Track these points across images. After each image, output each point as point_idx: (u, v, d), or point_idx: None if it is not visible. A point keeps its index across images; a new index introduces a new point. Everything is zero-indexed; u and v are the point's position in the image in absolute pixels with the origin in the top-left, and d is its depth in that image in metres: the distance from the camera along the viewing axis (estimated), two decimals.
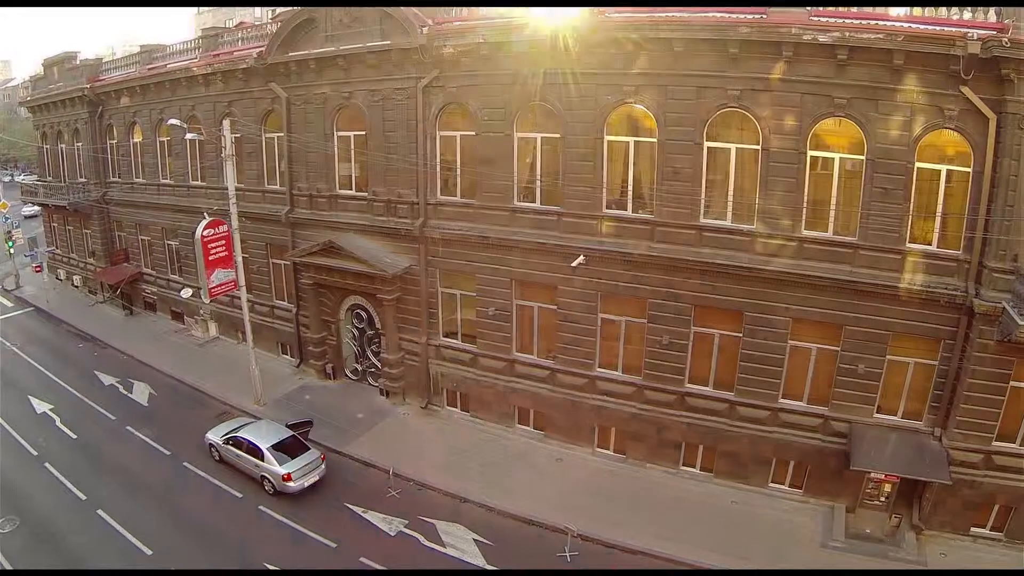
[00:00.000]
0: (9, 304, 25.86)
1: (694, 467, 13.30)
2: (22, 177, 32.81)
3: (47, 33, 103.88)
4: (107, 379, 18.52)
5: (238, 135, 16.32)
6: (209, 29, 19.27)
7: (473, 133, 13.96)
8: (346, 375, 17.37)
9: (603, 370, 13.77)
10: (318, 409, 15.89)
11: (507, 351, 14.61)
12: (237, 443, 13.50)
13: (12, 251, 25.77)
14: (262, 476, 12.99)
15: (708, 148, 12.02)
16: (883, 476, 11.44)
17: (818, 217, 11.70)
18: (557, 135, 13.12)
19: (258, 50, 16.42)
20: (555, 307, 13.90)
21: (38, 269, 24.56)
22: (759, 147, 11.59)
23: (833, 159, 11.48)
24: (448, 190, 14.80)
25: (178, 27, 75.71)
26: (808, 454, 12.25)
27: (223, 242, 15.17)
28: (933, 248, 11.07)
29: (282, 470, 12.59)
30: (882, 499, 11.66)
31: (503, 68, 13.19)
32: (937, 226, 11.08)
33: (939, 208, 11.00)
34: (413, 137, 14.50)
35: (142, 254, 22.94)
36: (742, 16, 11.14)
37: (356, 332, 16.86)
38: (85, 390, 17.83)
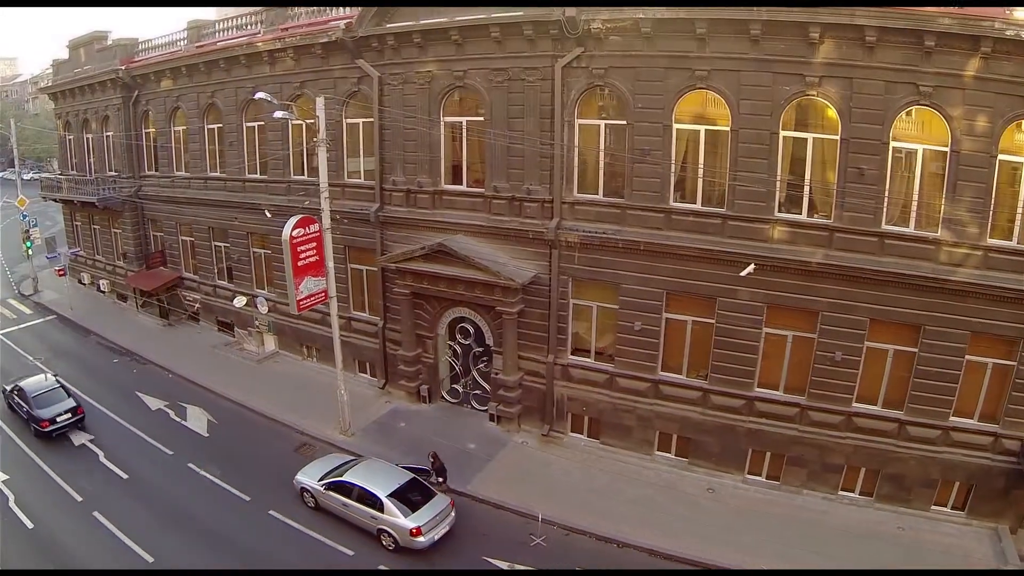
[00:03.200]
0: (28, 311, 22.65)
1: (853, 491, 11.84)
2: (31, 174, 28.95)
3: (52, 31, 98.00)
4: (153, 402, 15.58)
5: (311, 121, 13.31)
6: None
7: (623, 122, 11.96)
8: (443, 398, 14.77)
9: (763, 390, 12.06)
10: (418, 439, 13.56)
11: (651, 371, 12.67)
12: (344, 489, 11.02)
13: (30, 252, 21.95)
14: (379, 530, 10.32)
15: (893, 148, 10.51)
16: None
17: (1001, 225, 10.44)
18: (725, 128, 11.35)
19: (345, 21, 13.42)
20: (712, 321, 11.96)
21: (61, 273, 21.21)
22: (948, 149, 10.28)
23: (1022, 164, 10.17)
24: (586, 187, 12.67)
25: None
26: (975, 474, 11.10)
27: (314, 245, 12.38)
28: None
29: (410, 523, 10.28)
30: None
31: (664, 49, 11.30)
32: None
33: None
34: (547, 125, 12.39)
35: (182, 257, 19.95)
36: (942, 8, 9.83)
37: (459, 349, 14.38)
38: (129, 416, 15.04)
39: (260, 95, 11.92)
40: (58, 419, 13.73)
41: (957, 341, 10.63)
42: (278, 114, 11.55)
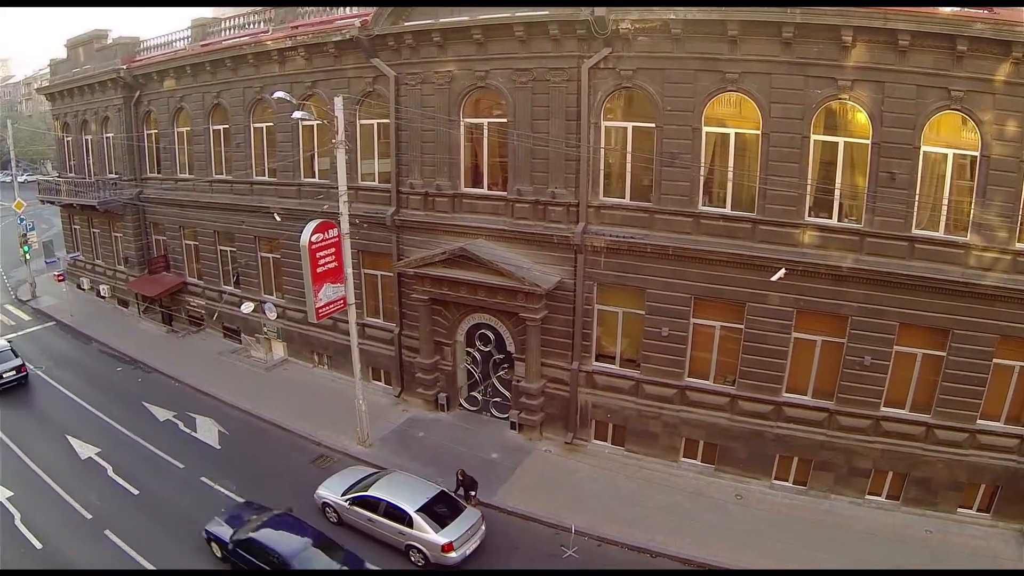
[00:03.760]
0: (26, 317, 21.88)
1: (879, 496, 11.74)
2: (25, 176, 28.00)
3: (46, 32, 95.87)
4: (161, 413, 15.01)
5: (320, 122, 12.87)
6: None
7: (651, 125, 11.68)
8: (462, 405, 14.40)
9: (791, 395, 11.91)
10: (439, 448, 13.26)
11: (678, 377, 12.43)
12: (369, 505, 10.68)
13: (28, 256, 21.12)
14: (408, 545, 10.06)
15: (924, 152, 10.41)
16: None
17: None
18: (755, 131, 11.14)
19: (361, 19, 12.96)
20: (741, 326, 11.77)
21: (61, 278, 20.40)
22: (978, 153, 10.20)
23: None
24: (613, 191, 12.40)
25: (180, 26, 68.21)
26: (1001, 476, 11.06)
27: (332, 250, 11.90)
28: None
29: (441, 539, 9.93)
30: None
31: (694, 50, 11.08)
32: None
33: None
34: (572, 127, 12.12)
35: (186, 261, 19.32)
36: (973, 11, 9.79)
37: (479, 356, 14.01)
38: (137, 427, 14.46)
39: (279, 94, 11.42)
40: (4, 375, 15.94)
41: (985, 345, 10.57)
42: (296, 114, 11.07)
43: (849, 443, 11.48)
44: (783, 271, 11.01)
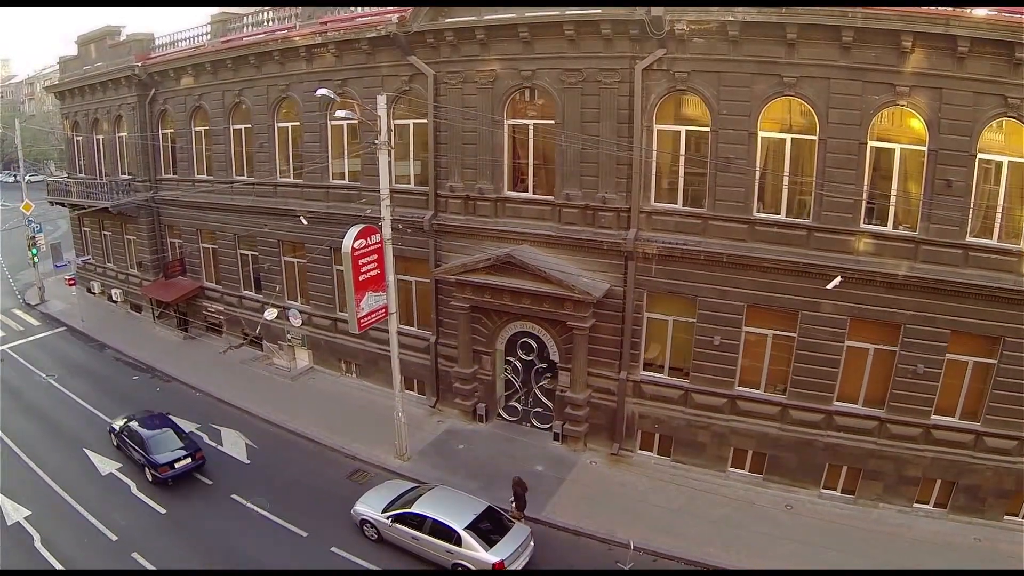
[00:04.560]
0: (35, 322, 21.01)
1: (927, 504, 11.59)
2: (28, 176, 27.20)
3: (46, 33, 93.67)
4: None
5: (354, 121, 12.29)
6: None
7: (705, 129, 11.41)
8: (500, 416, 13.95)
9: (842, 404, 11.71)
10: (481, 461, 12.89)
11: (728, 386, 12.19)
12: (414, 522, 10.21)
13: (36, 259, 20.16)
14: (455, 564, 9.77)
15: (979, 159, 10.25)
16: None
17: None
18: (812, 137, 10.90)
19: (398, 15, 12.41)
20: (794, 335, 11.53)
21: (72, 282, 19.44)
22: None
23: None
24: (664, 196, 12.04)
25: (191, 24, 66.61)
26: None
27: (375, 257, 11.32)
28: None
29: (492, 557, 9.61)
30: None
31: (751, 53, 10.81)
32: None
33: None
34: (624, 130, 11.79)
35: (203, 265, 18.52)
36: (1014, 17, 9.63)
37: (520, 365, 13.60)
38: None
39: (321, 91, 10.83)
40: None
41: None
42: (339, 113, 10.46)
43: (899, 451, 11.35)
44: (839, 279, 10.80)
